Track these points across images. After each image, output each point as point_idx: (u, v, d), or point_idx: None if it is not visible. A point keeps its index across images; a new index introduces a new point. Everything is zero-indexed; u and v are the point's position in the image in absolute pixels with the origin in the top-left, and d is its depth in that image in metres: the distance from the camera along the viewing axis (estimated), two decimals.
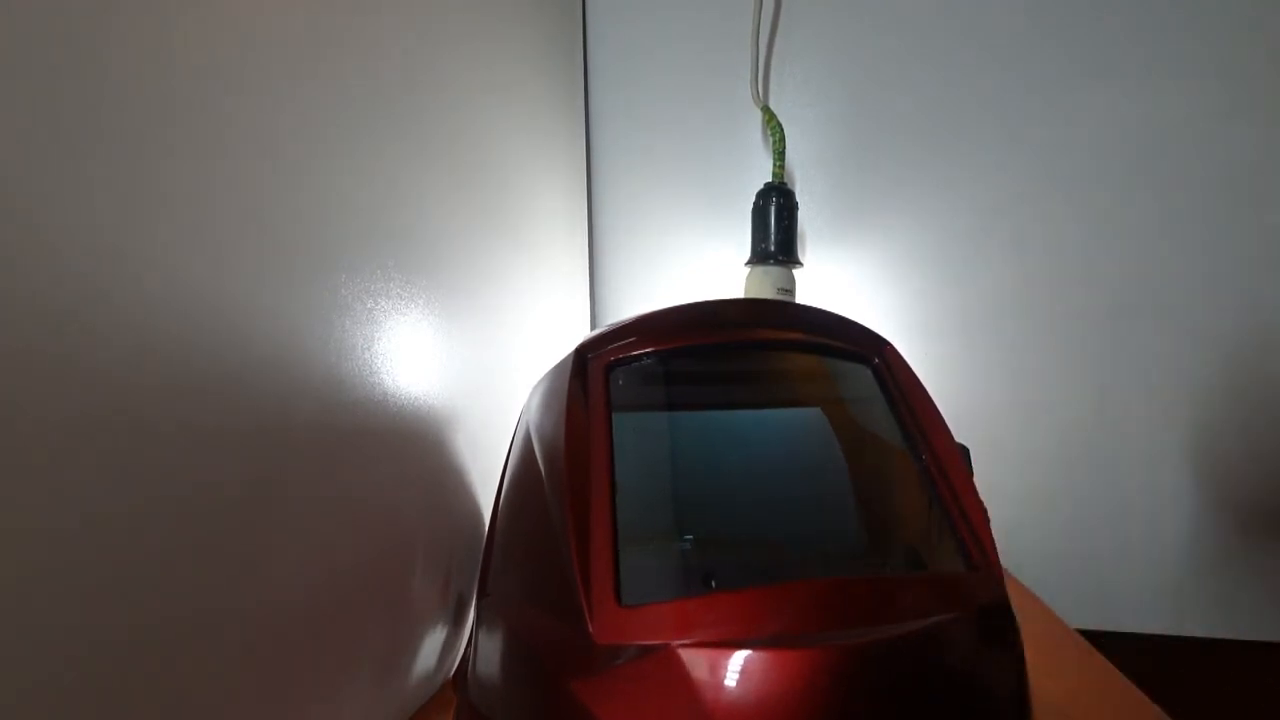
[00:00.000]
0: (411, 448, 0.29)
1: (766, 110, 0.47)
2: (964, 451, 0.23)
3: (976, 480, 0.23)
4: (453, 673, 0.31)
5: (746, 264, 0.47)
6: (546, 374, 0.27)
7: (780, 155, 0.46)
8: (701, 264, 0.53)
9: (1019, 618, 0.20)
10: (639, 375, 0.23)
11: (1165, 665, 0.47)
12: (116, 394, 0.17)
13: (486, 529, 0.29)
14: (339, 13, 0.25)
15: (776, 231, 0.46)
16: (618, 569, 0.17)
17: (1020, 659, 0.19)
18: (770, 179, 0.47)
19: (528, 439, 0.25)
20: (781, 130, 0.46)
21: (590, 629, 0.16)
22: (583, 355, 0.23)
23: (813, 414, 0.24)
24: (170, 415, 0.18)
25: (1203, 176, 0.46)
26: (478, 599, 0.26)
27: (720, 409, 0.24)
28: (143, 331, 0.17)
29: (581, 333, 0.52)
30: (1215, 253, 0.46)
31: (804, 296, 0.49)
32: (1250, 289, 0.46)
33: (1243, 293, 0.46)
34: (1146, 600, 0.48)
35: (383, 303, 0.27)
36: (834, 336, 0.24)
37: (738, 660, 0.15)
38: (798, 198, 0.47)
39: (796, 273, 0.47)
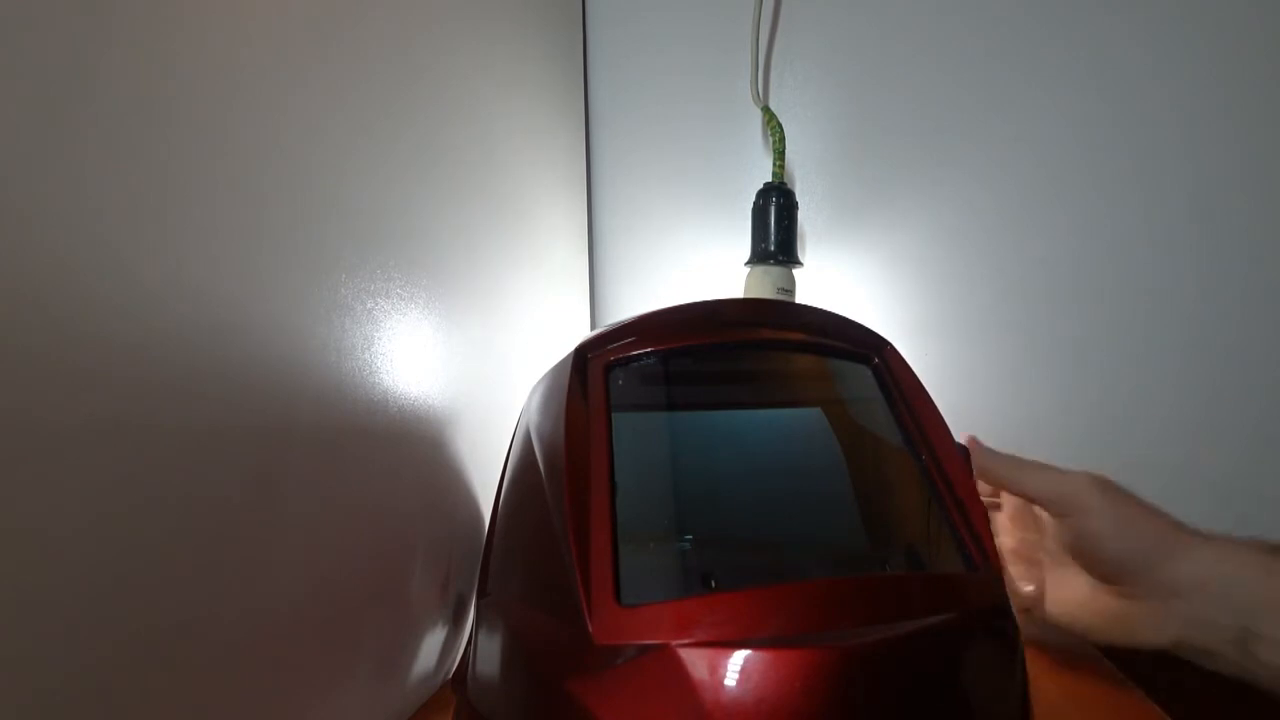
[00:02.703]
0: (411, 448, 0.29)
1: (766, 110, 0.47)
2: (964, 452, 0.23)
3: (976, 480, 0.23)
4: (452, 673, 0.31)
5: (746, 264, 0.47)
6: (546, 374, 0.27)
7: (780, 155, 0.46)
8: (701, 264, 0.53)
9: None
10: (639, 375, 0.23)
11: (1165, 665, 0.47)
12: (116, 394, 0.17)
13: (486, 529, 0.29)
14: (338, 13, 0.25)
15: (776, 231, 0.46)
16: (617, 569, 0.17)
17: (1020, 660, 0.19)
18: (770, 179, 0.47)
19: (527, 439, 0.25)
20: (781, 130, 0.46)
21: (590, 629, 0.16)
22: (583, 355, 0.23)
23: (813, 414, 0.24)
24: (170, 416, 0.18)
25: (1205, 175, 0.45)
26: (478, 599, 0.26)
27: (720, 409, 0.24)
28: (142, 331, 0.17)
29: (581, 332, 0.52)
30: (1217, 252, 0.46)
31: (804, 296, 0.49)
32: (1252, 288, 0.46)
33: (1244, 291, 0.46)
34: None
35: (383, 303, 0.27)
36: (834, 336, 0.25)
37: (736, 660, 0.15)
38: (798, 197, 0.47)
39: (796, 272, 0.47)
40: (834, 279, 0.51)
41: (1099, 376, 0.48)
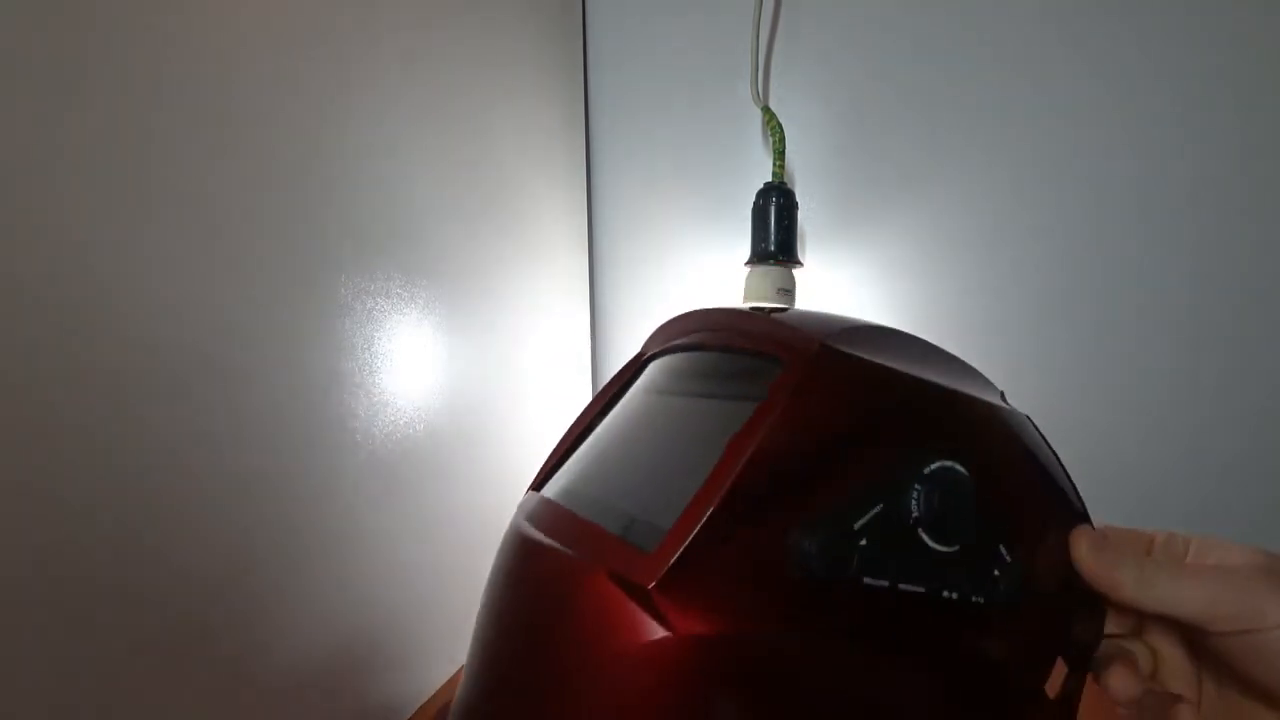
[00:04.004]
0: (410, 446, 0.30)
1: (766, 110, 0.47)
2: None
3: None
4: None
5: (746, 264, 0.47)
6: None
7: (780, 155, 0.46)
8: (702, 264, 0.53)
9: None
10: (656, 368, 0.28)
11: None
12: (115, 393, 0.17)
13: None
14: (338, 14, 0.25)
15: (776, 231, 0.46)
16: (548, 476, 0.26)
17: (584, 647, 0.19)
18: (770, 179, 0.47)
19: None
20: (781, 130, 0.46)
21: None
22: (642, 351, 0.29)
23: (741, 408, 0.23)
24: (169, 414, 0.18)
25: (1208, 178, 0.45)
26: None
27: (681, 398, 0.26)
28: (143, 330, 0.17)
29: (580, 331, 0.52)
30: (1218, 256, 0.46)
31: (804, 296, 0.49)
32: (1252, 292, 0.45)
33: (1245, 296, 0.46)
34: None
35: (382, 303, 0.27)
36: (768, 342, 0.24)
37: (511, 533, 0.24)
38: (798, 198, 0.47)
39: (796, 272, 0.47)
40: (834, 279, 0.51)
41: (1100, 375, 0.48)
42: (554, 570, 0.21)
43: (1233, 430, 0.46)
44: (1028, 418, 0.27)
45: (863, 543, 0.20)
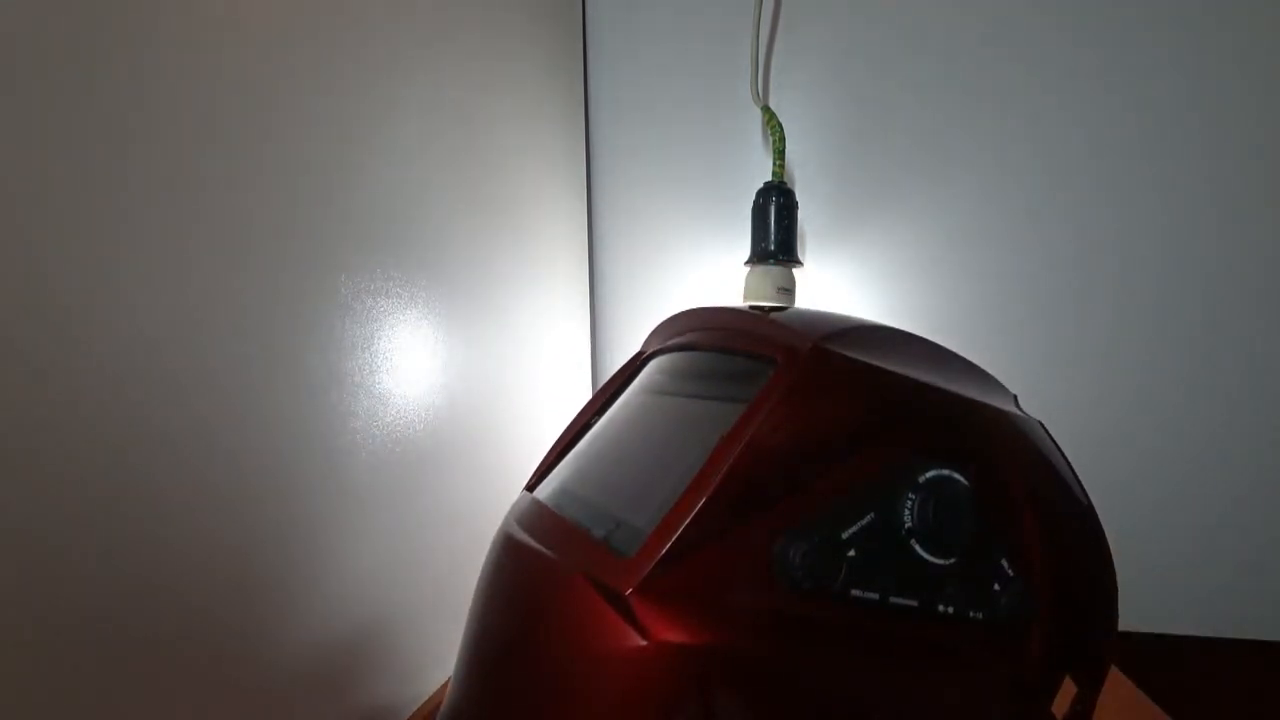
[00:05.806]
0: (409, 446, 0.29)
1: (766, 110, 0.47)
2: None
3: None
4: None
5: (746, 263, 0.47)
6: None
7: (780, 154, 0.46)
8: (701, 263, 0.53)
9: None
10: (653, 367, 0.28)
11: (1165, 665, 0.47)
12: (116, 393, 0.17)
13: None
14: (337, 11, 0.25)
15: (776, 231, 0.45)
16: (543, 475, 0.27)
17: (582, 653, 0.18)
18: (770, 178, 0.47)
19: None
20: (781, 130, 0.46)
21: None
22: (643, 350, 0.30)
23: (729, 410, 0.23)
24: (169, 414, 0.18)
25: (1219, 176, 0.45)
26: None
27: (673, 397, 0.26)
28: (140, 330, 0.17)
29: (580, 330, 0.52)
30: (1230, 256, 0.46)
31: (804, 296, 0.49)
32: (1266, 293, 0.45)
33: (1258, 297, 0.45)
34: (1146, 600, 0.48)
35: (383, 302, 0.27)
36: (757, 343, 0.24)
37: (501, 534, 0.24)
38: (798, 197, 0.47)
39: (796, 272, 0.47)
40: (834, 279, 0.51)
41: (1099, 376, 0.48)
42: (535, 573, 0.21)
43: (1252, 435, 0.46)
44: (1040, 424, 0.26)
45: (851, 553, 0.19)
